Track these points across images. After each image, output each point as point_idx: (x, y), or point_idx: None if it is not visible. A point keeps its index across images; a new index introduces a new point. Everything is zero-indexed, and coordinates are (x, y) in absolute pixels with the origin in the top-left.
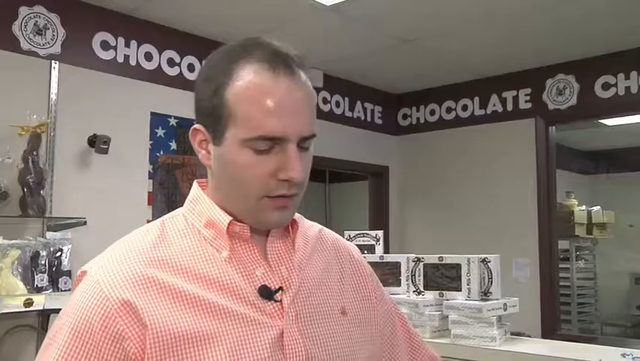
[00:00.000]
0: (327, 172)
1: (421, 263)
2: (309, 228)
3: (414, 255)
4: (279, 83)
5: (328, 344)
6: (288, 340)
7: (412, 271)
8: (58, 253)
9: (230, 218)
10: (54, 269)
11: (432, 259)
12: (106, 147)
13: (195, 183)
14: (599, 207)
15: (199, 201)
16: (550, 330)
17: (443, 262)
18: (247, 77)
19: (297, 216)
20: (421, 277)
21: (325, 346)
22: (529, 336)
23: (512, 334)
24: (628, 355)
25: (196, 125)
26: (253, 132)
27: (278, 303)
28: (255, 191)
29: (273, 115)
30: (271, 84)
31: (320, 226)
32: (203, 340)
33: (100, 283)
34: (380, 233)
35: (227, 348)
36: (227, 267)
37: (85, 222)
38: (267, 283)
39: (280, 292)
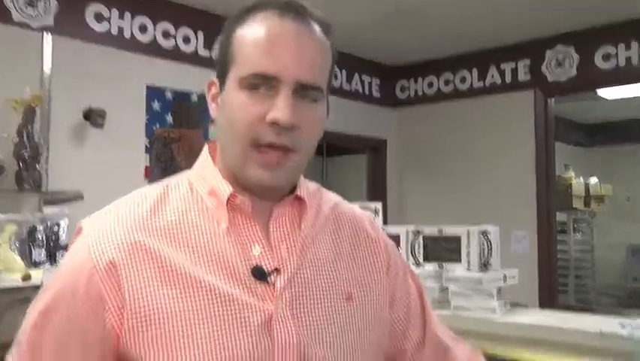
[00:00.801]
0: (324, 145)
1: (421, 235)
2: (325, 202)
3: (413, 226)
4: (285, 26)
5: (326, 331)
6: (278, 325)
7: (411, 243)
8: (56, 228)
9: (232, 190)
10: (51, 244)
11: (431, 231)
12: (102, 120)
13: (205, 146)
14: (596, 179)
15: (205, 166)
16: (548, 302)
17: (443, 234)
18: (255, 22)
19: (312, 188)
20: (421, 249)
21: (322, 334)
22: (527, 307)
23: (511, 305)
24: (627, 325)
25: (212, 78)
26: (249, 70)
27: (271, 285)
28: (244, 135)
29: (270, 53)
30: (276, 27)
31: (337, 200)
32: (183, 320)
33: (90, 248)
34: (379, 205)
35: (209, 331)
36: (224, 241)
37: (82, 197)
38: (263, 262)
39: (275, 273)
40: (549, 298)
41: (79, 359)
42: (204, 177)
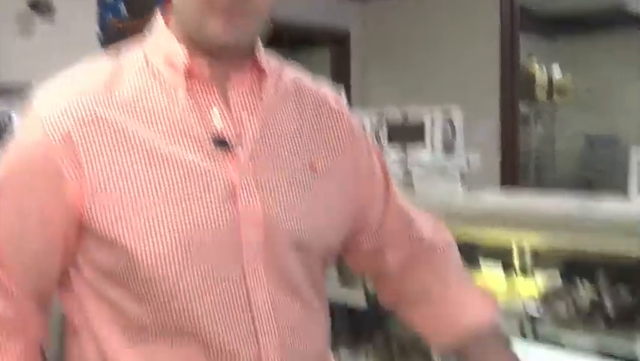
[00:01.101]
0: (285, 37)
1: (385, 120)
2: (286, 75)
3: (377, 110)
4: None
5: (291, 200)
6: (242, 193)
7: (375, 128)
8: (7, 121)
9: (188, 55)
10: (3, 137)
11: (395, 114)
12: (48, 10)
13: (158, 14)
14: (559, 70)
15: (160, 33)
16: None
17: (407, 118)
18: None
19: (273, 61)
20: (385, 133)
21: (286, 202)
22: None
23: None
24: (587, 206)
25: None
26: None
27: (233, 153)
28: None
29: None
30: None
31: (300, 74)
32: (145, 189)
33: (43, 122)
34: (341, 89)
35: (173, 199)
36: (182, 110)
37: (33, 89)
38: (224, 128)
39: (237, 141)
40: (511, 186)
41: (38, 238)
42: (159, 44)
